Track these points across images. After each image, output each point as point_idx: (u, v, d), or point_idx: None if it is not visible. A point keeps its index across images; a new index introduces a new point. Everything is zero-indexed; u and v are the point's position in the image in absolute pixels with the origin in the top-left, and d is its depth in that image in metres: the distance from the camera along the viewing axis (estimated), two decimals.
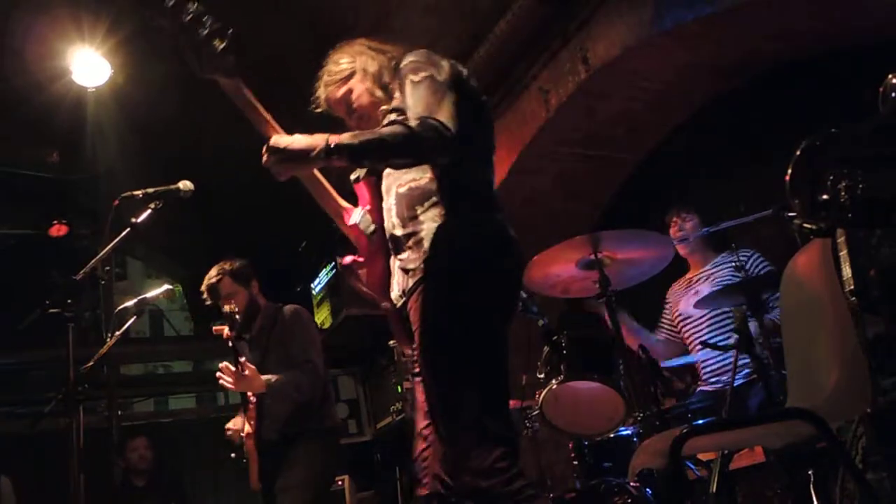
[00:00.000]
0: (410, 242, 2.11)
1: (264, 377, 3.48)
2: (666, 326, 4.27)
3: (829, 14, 3.72)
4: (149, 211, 3.21)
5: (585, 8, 4.37)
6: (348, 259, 2.25)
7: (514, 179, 5.20)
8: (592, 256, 3.25)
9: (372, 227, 2.25)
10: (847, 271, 1.75)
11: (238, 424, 3.81)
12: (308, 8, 5.32)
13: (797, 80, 4.14)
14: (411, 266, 2.10)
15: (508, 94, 5.07)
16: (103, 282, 6.58)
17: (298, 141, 1.99)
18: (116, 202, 3.18)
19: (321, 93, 2.39)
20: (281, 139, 2.00)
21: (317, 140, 1.97)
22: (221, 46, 1.96)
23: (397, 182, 2.19)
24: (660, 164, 5.14)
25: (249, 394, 3.58)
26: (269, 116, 2.09)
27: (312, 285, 6.73)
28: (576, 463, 3.46)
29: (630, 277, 3.45)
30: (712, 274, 4.02)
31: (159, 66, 5.17)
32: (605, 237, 3.23)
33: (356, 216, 2.25)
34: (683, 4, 3.87)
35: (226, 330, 3.53)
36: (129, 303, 3.63)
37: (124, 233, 3.21)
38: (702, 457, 3.11)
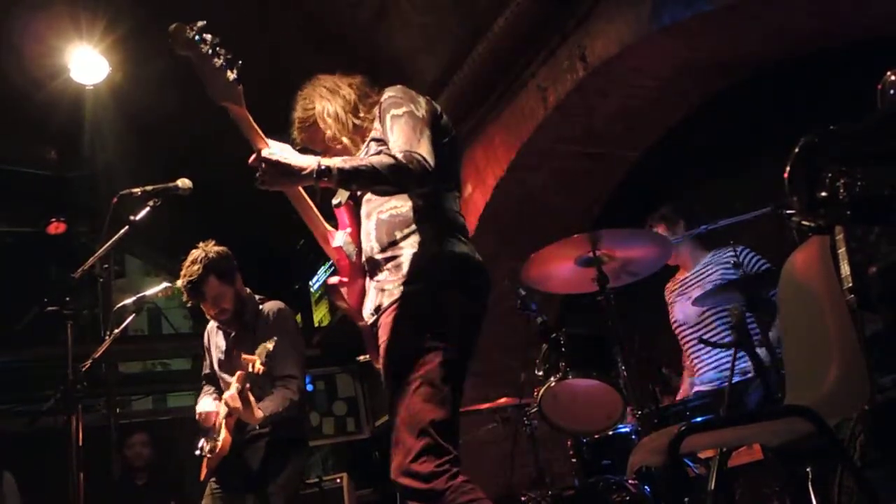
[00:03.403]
0: (389, 265, 2.25)
1: (260, 413, 3.28)
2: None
3: (828, 11, 3.72)
4: (147, 208, 3.21)
5: (583, 5, 4.36)
6: (334, 280, 2.38)
7: (512, 177, 5.19)
8: (591, 254, 3.25)
9: (353, 250, 2.38)
10: (845, 269, 1.75)
11: (211, 410, 3.61)
12: (307, 4, 5.31)
13: (796, 77, 4.14)
14: (388, 286, 2.23)
15: (507, 91, 5.06)
16: (102, 280, 6.53)
17: (292, 158, 2.11)
18: (115, 200, 3.17)
19: (296, 136, 2.54)
20: (273, 154, 2.09)
21: (309, 160, 2.10)
22: (233, 77, 2.04)
23: (378, 208, 2.32)
24: (658, 161, 5.13)
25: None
26: (262, 135, 2.16)
27: (311, 283, 6.73)
28: (574, 460, 3.46)
29: (629, 275, 3.45)
30: (701, 276, 3.97)
31: (157, 64, 5.17)
32: (604, 235, 3.23)
33: (340, 239, 2.38)
34: (682, 2, 3.86)
35: (257, 364, 3.18)
36: (128, 300, 3.63)
37: (123, 230, 3.22)
38: (700, 454, 3.11)
